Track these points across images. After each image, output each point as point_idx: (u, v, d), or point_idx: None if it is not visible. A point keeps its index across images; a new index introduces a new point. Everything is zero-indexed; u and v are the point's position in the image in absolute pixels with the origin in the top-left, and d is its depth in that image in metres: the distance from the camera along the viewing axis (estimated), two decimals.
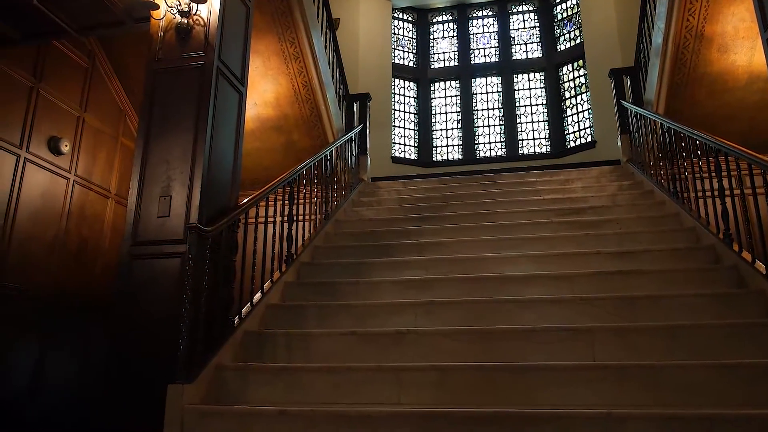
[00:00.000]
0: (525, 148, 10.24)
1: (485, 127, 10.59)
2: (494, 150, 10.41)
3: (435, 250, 4.77)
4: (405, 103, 10.85)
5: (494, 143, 10.46)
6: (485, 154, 10.42)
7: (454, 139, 10.68)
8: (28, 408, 5.12)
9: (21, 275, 5.19)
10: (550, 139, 10.10)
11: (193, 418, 2.84)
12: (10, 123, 5.18)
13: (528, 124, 10.37)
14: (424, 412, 2.57)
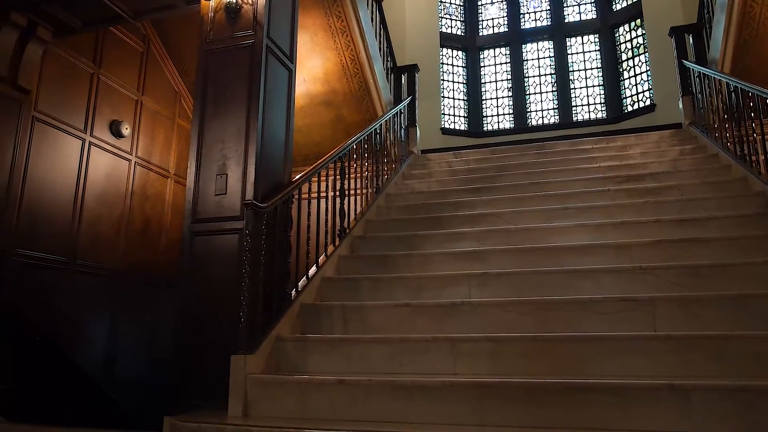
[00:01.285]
0: (579, 115, 9.92)
1: (537, 95, 10.30)
2: (547, 117, 10.13)
3: (488, 221, 4.73)
4: (453, 72, 10.67)
5: (547, 110, 10.17)
6: (537, 122, 10.16)
7: (504, 108, 10.45)
8: (105, 376, 5.46)
9: (92, 253, 5.49)
10: (606, 104, 9.73)
11: (256, 387, 2.96)
12: (75, 108, 5.42)
13: (582, 90, 10.01)
14: (480, 382, 2.59)
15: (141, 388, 5.92)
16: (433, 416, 2.59)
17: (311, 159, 7.21)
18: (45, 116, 5.07)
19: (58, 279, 5.10)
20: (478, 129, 10.40)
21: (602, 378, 2.60)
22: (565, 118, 9.91)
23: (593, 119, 9.74)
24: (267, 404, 2.91)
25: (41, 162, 5.00)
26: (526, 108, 10.28)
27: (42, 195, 5.00)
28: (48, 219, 5.03)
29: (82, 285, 5.34)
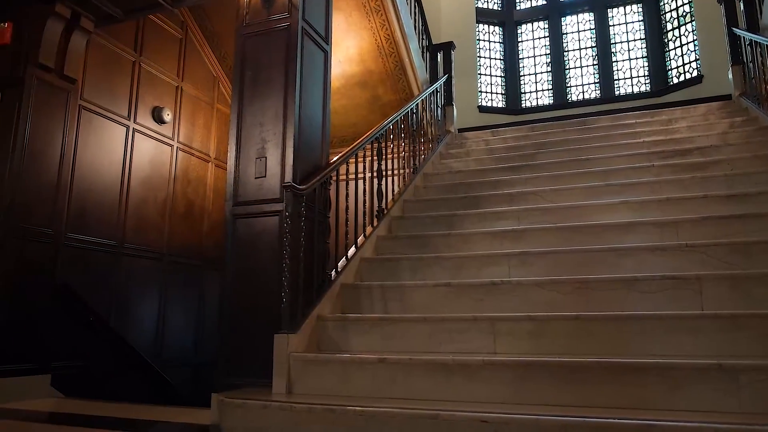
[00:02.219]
0: (622, 88, 9.62)
1: (577, 69, 10.03)
2: (588, 92, 9.87)
3: (527, 199, 4.67)
4: (490, 49, 10.47)
5: (587, 85, 9.90)
6: (578, 98, 9.91)
7: (543, 84, 10.22)
8: (154, 354, 5.68)
9: (139, 236, 5.68)
10: (650, 76, 9.40)
11: (299, 366, 3.04)
12: (118, 96, 5.57)
13: (624, 62, 9.69)
14: (521, 361, 2.58)
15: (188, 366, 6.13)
16: (474, 394, 2.60)
17: (348, 140, 7.23)
18: (91, 104, 5.23)
19: (108, 262, 5.31)
20: (516, 106, 10.21)
21: (646, 357, 2.56)
22: (606, 93, 9.63)
23: (636, 93, 9.43)
24: (310, 382, 2.98)
25: (88, 149, 5.18)
26: (565, 83, 10.03)
27: (90, 181, 5.18)
28: (97, 204, 5.22)
29: (131, 267, 5.55)
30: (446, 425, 2.27)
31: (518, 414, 2.20)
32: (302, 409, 2.57)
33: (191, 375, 6.22)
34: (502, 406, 2.39)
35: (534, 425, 2.14)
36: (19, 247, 4.38)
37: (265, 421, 2.63)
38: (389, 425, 2.37)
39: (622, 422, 2.06)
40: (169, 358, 5.90)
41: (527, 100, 10.28)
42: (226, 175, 3.77)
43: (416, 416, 2.34)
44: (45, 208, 4.60)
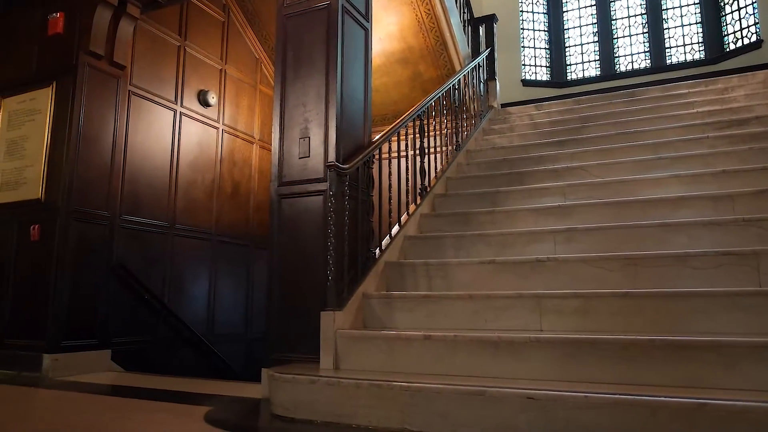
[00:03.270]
0: (674, 57, 9.22)
1: (626, 38, 9.67)
2: (637, 62, 9.51)
3: (573, 175, 4.57)
4: (534, 20, 10.19)
5: (637, 54, 9.54)
6: (626, 68, 9.56)
7: (590, 55, 9.90)
8: (206, 330, 5.89)
9: (188, 217, 5.85)
10: (704, 43, 8.97)
11: (345, 342, 3.09)
12: (165, 81, 5.70)
13: (677, 29, 9.27)
14: (568, 339, 2.56)
15: (238, 342, 6.33)
16: (520, 371, 2.60)
17: (389, 118, 7.22)
18: (139, 90, 5.37)
19: (161, 242, 5.50)
20: (560, 79, 9.94)
21: (699, 335, 2.49)
22: (657, 62, 9.26)
23: (689, 61, 9.03)
24: (356, 358, 3.04)
25: (139, 134, 5.34)
26: (613, 53, 9.68)
27: (141, 165, 5.35)
28: (148, 187, 5.40)
29: (182, 247, 5.73)
30: (493, 402, 2.28)
31: (566, 391, 2.19)
32: (349, 384, 2.62)
33: (242, 350, 6.42)
34: (549, 384, 2.38)
35: (583, 402, 2.12)
36: (79, 229, 4.59)
37: (314, 395, 2.70)
38: (435, 401, 2.40)
39: (675, 400, 2.02)
40: (221, 333, 6.11)
41: (572, 72, 9.98)
42: (271, 155, 3.83)
43: (462, 392, 2.36)
44: (100, 192, 4.80)
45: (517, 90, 9.40)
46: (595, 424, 2.09)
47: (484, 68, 7.20)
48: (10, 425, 2.67)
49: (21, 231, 4.76)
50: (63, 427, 2.62)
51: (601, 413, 2.09)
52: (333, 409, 2.63)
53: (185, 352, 5.56)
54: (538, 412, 2.19)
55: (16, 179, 4.89)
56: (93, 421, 2.75)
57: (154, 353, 5.23)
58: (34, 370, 4.33)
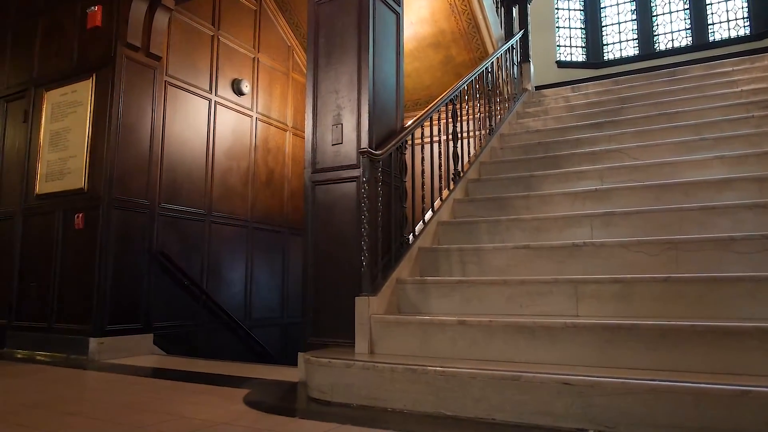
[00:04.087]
0: (717, 33, 8.88)
1: (666, 15, 9.34)
2: (677, 40, 9.19)
3: (611, 157, 4.47)
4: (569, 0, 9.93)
5: (678, 32, 9.21)
6: (666, 47, 9.25)
7: (627, 34, 9.62)
8: (246, 313, 6.01)
9: (224, 204, 5.96)
10: (750, 18, 8.60)
11: (379, 327, 3.12)
12: (200, 71, 5.79)
13: (720, 4, 8.92)
14: (607, 324, 2.52)
15: (275, 326, 6.45)
16: (557, 357, 2.57)
17: (422, 103, 7.18)
18: (175, 80, 5.47)
19: (198, 229, 5.62)
20: (597, 59, 9.69)
21: (742, 321, 2.42)
22: (699, 39, 8.93)
23: (734, 38, 8.67)
24: (391, 343, 3.06)
25: (175, 123, 5.44)
26: (652, 31, 9.38)
27: (179, 154, 5.46)
28: (185, 175, 5.51)
29: (219, 234, 5.85)
30: (528, 387, 2.27)
31: (604, 377, 2.17)
32: (384, 368, 2.65)
33: (278, 334, 6.54)
34: (586, 369, 2.36)
35: (621, 388, 2.10)
36: (120, 217, 4.73)
37: (349, 379, 2.73)
38: (470, 386, 2.41)
39: (717, 387, 1.98)
40: (257, 318, 6.23)
41: (609, 52, 9.72)
42: (304, 143, 3.86)
43: (497, 377, 2.35)
44: (140, 181, 4.92)
45: (552, 72, 9.21)
46: (634, 411, 2.06)
47: (517, 50, 7.07)
48: (63, 405, 2.79)
49: (66, 220, 4.93)
50: (111, 406, 2.73)
51: (640, 399, 2.06)
52: (368, 392, 2.67)
53: (224, 336, 5.69)
54: (574, 398, 2.17)
55: (60, 170, 5.05)
56: (139, 402, 2.85)
57: (194, 337, 5.37)
58: (81, 353, 4.52)
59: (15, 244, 5.30)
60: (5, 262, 5.37)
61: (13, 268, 5.26)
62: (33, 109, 5.43)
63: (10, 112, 5.72)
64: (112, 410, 2.66)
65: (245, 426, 2.33)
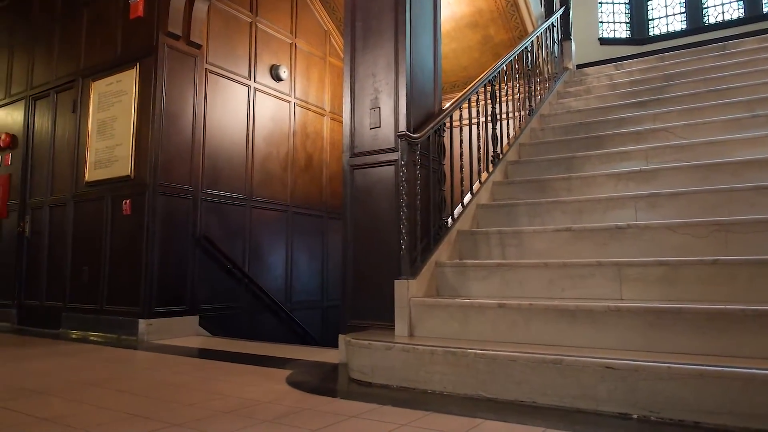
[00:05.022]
0: None
1: None
2: (728, 12, 8.77)
3: (657, 137, 4.33)
4: None
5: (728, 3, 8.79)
6: (716, 20, 8.85)
7: (674, 7, 9.24)
8: (287, 296, 6.13)
9: (265, 189, 6.05)
10: None
11: (419, 310, 3.13)
12: (239, 57, 5.86)
13: None
14: (651, 308, 2.46)
15: (315, 309, 6.55)
16: (599, 341, 2.54)
17: (460, 85, 7.09)
18: (215, 67, 5.55)
19: (240, 214, 5.73)
20: (642, 35, 9.35)
21: None
22: (752, 10, 8.50)
23: None
24: (430, 325, 3.08)
25: (216, 110, 5.54)
26: (701, 4, 8.98)
27: (220, 140, 5.56)
28: (226, 161, 5.61)
29: (260, 219, 5.95)
30: (570, 370, 2.25)
31: (648, 361, 2.13)
32: (424, 351, 2.67)
33: (318, 317, 6.65)
34: (629, 354, 2.32)
35: (666, 373, 2.06)
36: (165, 203, 4.87)
37: (389, 361, 2.76)
38: (510, 369, 2.40)
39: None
40: (298, 301, 6.34)
41: (655, 27, 9.37)
42: (342, 127, 3.87)
43: (538, 360, 2.34)
44: (183, 167, 5.05)
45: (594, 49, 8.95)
46: (679, 396, 2.02)
47: (558, 28, 6.88)
48: (117, 383, 2.92)
49: (114, 206, 5.11)
50: (161, 385, 2.84)
51: (686, 385, 2.01)
52: (408, 374, 2.69)
53: (266, 319, 5.83)
54: (618, 383, 2.14)
55: (107, 157, 5.22)
56: (187, 381, 2.96)
57: (237, 319, 5.51)
58: (131, 334, 4.70)
59: (68, 229, 5.53)
60: (59, 248, 5.61)
61: (67, 253, 5.50)
62: (81, 99, 5.62)
63: (59, 103, 5.93)
64: (162, 389, 2.77)
65: (289, 405, 2.39)
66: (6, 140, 6.41)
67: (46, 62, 6.13)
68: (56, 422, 2.13)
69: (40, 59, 6.23)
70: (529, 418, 2.14)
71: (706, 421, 1.97)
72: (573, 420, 2.09)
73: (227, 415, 2.24)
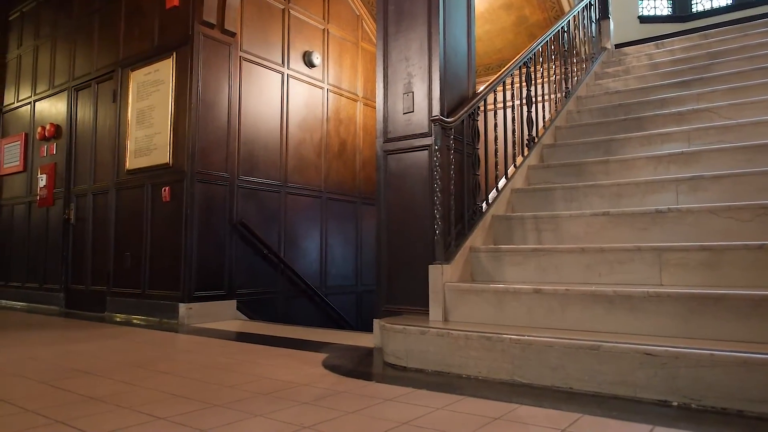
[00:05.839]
0: None
1: None
2: None
3: (700, 118, 4.19)
4: None
5: None
6: None
7: None
8: (321, 281, 6.20)
9: (299, 175, 6.11)
10: None
11: (453, 295, 3.13)
12: (272, 45, 5.89)
13: None
14: (693, 293, 2.40)
15: (349, 294, 6.61)
16: (637, 327, 2.49)
17: (493, 68, 6.99)
18: (249, 55, 5.60)
19: (275, 200, 5.80)
20: (684, 11, 9.01)
21: None
22: None
23: None
24: (465, 310, 3.07)
25: (251, 98, 5.60)
26: None
27: (255, 127, 5.63)
28: (261, 148, 5.68)
29: (294, 204, 6.02)
30: (608, 357, 2.22)
31: (689, 348, 2.08)
32: (459, 335, 2.67)
33: (352, 301, 6.71)
34: (669, 340, 2.27)
35: (708, 360, 2.01)
36: (202, 190, 4.97)
37: (424, 346, 2.78)
38: (546, 354, 2.38)
39: None
40: (332, 286, 6.41)
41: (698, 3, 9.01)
42: (375, 112, 3.87)
43: (575, 346, 2.32)
44: (219, 154, 5.13)
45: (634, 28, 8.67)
46: (722, 384, 1.97)
47: (596, 6, 6.69)
48: (159, 365, 3.02)
49: (154, 193, 5.24)
50: (202, 367, 2.92)
51: (729, 373, 1.96)
52: (443, 359, 2.70)
53: (301, 303, 5.91)
54: (657, 369, 2.10)
55: (147, 146, 5.35)
56: (226, 363, 3.03)
57: (273, 304, 5.61)
58: (172, 318, 4.84)
59: (110, 217, 5.70)
60: (103, 234, 5.79)
61: (110, 239, 5.68)
62: (120, 89, 5.75)
63: (100, 93, 6.09)
64: (202, 370, 2.85)
65: (325, 388, 2.43)
66: (51, 130, 6.63)
67: (87, 54, 6.29)
68: (105, 401, 2.22)
69: (81, 51, 6.39)
70: (565, 403, 2.12)
71: (750, 409, 1.92)
72: (610, 406, 2.07)
73: (266, 396, 2.29)
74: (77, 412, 2.06)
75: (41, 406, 2.14)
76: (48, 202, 6.59)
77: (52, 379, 2.66)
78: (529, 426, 1.85)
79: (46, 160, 6.75)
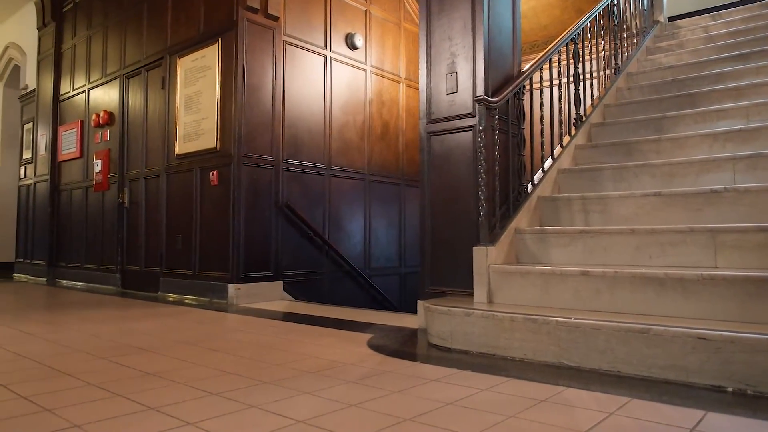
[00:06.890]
0: None
1: None
2: None
3: (759, 93, 3.98)
4: None
5: None
6: None
7: None
8: (365, 263, 6.26)
9: (342, 158, 6.15)
10: None
11: (498, 277, 3.11)
12: (315, 28, 5.91)
13: None
14: (750, 276, 2.31)
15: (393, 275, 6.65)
16: (690, 311, 2.42)
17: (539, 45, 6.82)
18: (292, 39, 5.64)
19: (319, 183, 5.87)
20: None
21: None
22: None
23: None
24: (509, 293, 3.05)
25: (294, 81, 5.64)
26: None
27: (298, 110, 5.68)
28: (305, 131, 5.74)
29: (338, 187, 6.07)
30: (658, 340, 2.17)
31: (746, 332, 2.01)
32: (504, 317, 2.66)
33: (396, 283, 6.75)
34: (724, 324, 2.20)
35: (765, 345, 1.94)
36: (249, 173, 5.07)
37: (469, 327, 2.78)
38: (594, 337, 2.35)
39: None
40: (376, 267, 6.46)
41: None
42: (419, 94, 3.84)
43: (624, 329, 2.27)
44: (265, 138, 5.22)
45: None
46: None
47: None
48: (210, 343, 3.13)
49: (202, 177, 5.38)
50: (250, 345, 3.02)
51: None
52: (488, 341, 2.70)
53: (346, 284, 5.99)
54: (710, 354, 2.04)
55: (195, 131, 5.48)
56: (274, 342, 3.12)
57: (318, 285, 5.71)
58: (221, 298, 4.99)
59: (162, 200, 5.89)
60: (155, 217, 6.00)
61: (162, 222, 5.88)
62: (169, 76, 5.90)
63: (150, 80, 6.26)
64: (251, 349, 2.94)
65: (371, 367, 2.47)
66: (105, 117, 6.87)
67: (137, 42, 6.47)
68: (160, 376, 2.32)
69: (131, 39, 6.57)
70: (613, 387, 2.09)
71: None
72: (660, 390, 2.03)
73: (313, 374, 2.35)
74: (135, 386, 2.17)
75: (103, 381, 2.25)
76: (103, 186, 6.85)
77: (112, 355, 2.79)
78: (576, 408, 1.83)
79: (100, 146, 7.01)
